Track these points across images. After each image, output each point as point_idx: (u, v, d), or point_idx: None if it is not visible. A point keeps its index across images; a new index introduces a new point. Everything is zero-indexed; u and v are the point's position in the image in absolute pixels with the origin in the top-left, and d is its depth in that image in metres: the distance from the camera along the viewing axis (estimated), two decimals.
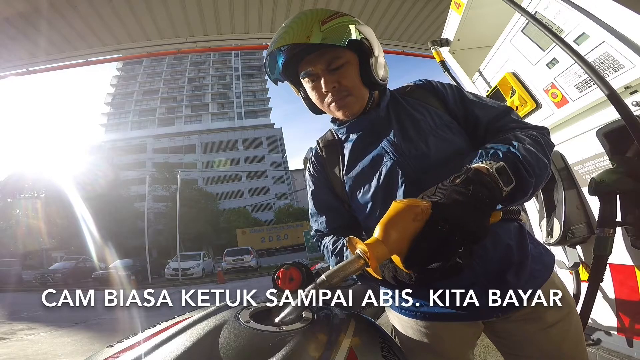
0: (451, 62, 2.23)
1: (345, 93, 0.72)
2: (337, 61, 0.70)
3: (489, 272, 0.71)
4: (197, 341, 0.55)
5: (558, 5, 1.35)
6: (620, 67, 1.16)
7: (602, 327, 1.49)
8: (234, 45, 4.56)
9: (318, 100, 0.76)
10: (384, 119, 0.78)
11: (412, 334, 0.79)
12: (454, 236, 0.48)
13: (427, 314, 0.75)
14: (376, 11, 3.96)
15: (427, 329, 0.77)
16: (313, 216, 0.89)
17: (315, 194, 0.86)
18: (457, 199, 0.50)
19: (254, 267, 15.84)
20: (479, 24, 1.99)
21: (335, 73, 0.71)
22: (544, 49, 1.48)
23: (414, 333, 0.78)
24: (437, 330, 0.76)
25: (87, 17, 3.30)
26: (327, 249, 0.82)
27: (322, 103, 0.76)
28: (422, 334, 0.77)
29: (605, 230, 0.94)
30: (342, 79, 0.71)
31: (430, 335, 0.77)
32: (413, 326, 0.78)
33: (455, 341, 0.78)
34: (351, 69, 0.72)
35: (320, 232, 0.87)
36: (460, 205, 0.49)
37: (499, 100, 1.85)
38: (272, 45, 0.71)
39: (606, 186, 0.91)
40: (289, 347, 0.54)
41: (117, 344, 0.60)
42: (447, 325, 0.75)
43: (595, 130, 1.27)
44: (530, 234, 0.79)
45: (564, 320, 0.75)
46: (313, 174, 0.86)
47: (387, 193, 0.72)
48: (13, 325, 5.09)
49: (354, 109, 0.75)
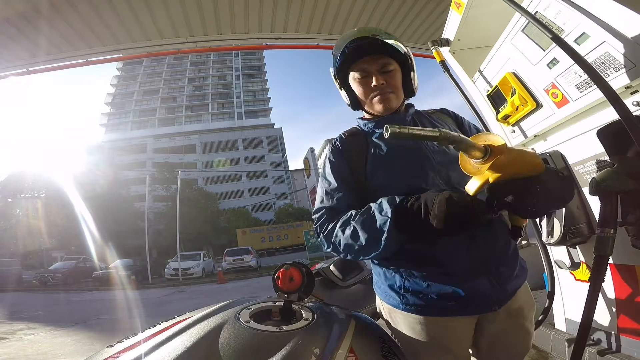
0: (451, 62, 2.22)
1: (390, 90, 0.89)
2: (388, 66, 0.88)
3: (489, 263, 0.78)
4: (197, 341, 0.55)
5: (558, 5, 1.35)
6: (620, 67, 1.16)
7: (602, 327, 1.49)
8: (234, 45, 4.55)
9: (363, 94, 0.91)
10: (409, 122, 0.93)
11: (419, 331, 0.80)
12: (571, 183, 0.63)
13: (432, 309, 0.78)
14: (376, 11, 3.96)
15: (432, 325, 0.80)
16: (330, 193, 0.88)
17: (338, 171, 0.89)
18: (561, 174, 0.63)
19: (254, 267, 15.81)
20: (479, 24, 1.99)
21: (385, 75, 0.88)
22: (544, 49, 1.48)
23: (420, 330, 0.80)
24: (441, 326, 0.79)
25: (87, 17, 3.30)
26: (350, 217, 0.78)
27: (366, 96, 0.91)
28: (427, 331, 0.80)
29: (606, 230, 0.94)
30: (390, 80, 0.88)
31: (435, 331, 0.80)
32: (420, 322, 0.80)
33: (458, 336, 0.82)
34: (397, 75, 0.90)
35: (334, 209, 0.85)
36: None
37: (500, 100, 1.85)
38: (342, 41, 0.90)
39: (606, 186, 0.91)
40: (289, 347, 0.54)
41: (117, 344, 0.60)
42: (451, 320, 0.79)
43: (595, 130, 1.27)
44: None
45: (533, 316, 0.89)
46: (337, 156, 0.92)
47: (414, 179, 0.82)
48: (13, 325, 5.09)
49: (393, 105, 0.90)
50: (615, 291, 1.43)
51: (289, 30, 4.11)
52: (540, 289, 2.26)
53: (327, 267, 1.34)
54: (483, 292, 0.76)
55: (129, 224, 22.15)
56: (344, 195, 0.86)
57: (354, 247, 0.76)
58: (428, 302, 0.78)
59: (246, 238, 25.52)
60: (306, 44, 4.41)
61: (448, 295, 0.76)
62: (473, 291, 0.75)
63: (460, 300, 0.75)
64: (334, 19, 4.04)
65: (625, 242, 1.12)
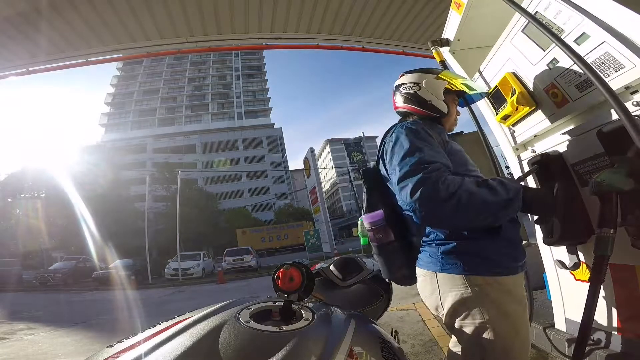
0: (451, 62, 2.22)
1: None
2: None
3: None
4: (197, 341, 0.55)
5: (558, 5, 1.35)
6: (620, 67, 1.16)
7: (603, 327, 1.49)
8: (234, 45, 4.55)
9: (452, 114, 1.20)
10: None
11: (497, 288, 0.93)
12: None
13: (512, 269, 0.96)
14: (376, 11, 3.96)
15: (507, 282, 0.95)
16: (433, 153, 0.93)
17: (432, 141, 0.98)
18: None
19: (254, 267, 15.79)
20: (479, 24, 1.99)
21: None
22: (544, 49, 1.48)
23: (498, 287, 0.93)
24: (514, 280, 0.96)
25: (87, 17, 3.30)
26: (482, 180, 0.91)
27: (453, 116, 1.21)
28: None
29: (605, 230, 0.94)
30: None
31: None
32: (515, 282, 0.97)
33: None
34: None
35: (450, 169, 0.92)
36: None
37: (499, 100, 1.85)
38: (477, 89, 1.26)
39: (606, 186, 0.90)
40: (289, 347, 0.54)
41: (117, 344, 0.60)
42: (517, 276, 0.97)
43: (595, 130, 1.27)
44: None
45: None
46: (427, 133, 1.01)
47: (470, 168, 1.08)
48: (13, 325, 5.09)
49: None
50: (615, 291, 1.43)
51: (289, 30, 4.11)
52: (540, 289, 2.26)
53: (327, 267, 1.34)
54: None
55: (129, 224, 22.13)
56: (446, 158, 0.96)
57: (493, 204, 0.84)
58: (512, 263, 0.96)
59: (246, 238, 25.54)
60: (306, 44, 4.42)
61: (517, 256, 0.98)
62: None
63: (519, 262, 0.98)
64: (334, 19, 4.04)
65: (625, 242, 1.12)
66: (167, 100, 50.32)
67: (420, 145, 0.93)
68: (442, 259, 0.95)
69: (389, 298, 1.34)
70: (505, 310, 0.89)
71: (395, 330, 1.18)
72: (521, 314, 0.92)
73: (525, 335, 0.92)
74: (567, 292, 1.78)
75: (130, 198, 27.07)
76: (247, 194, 40.85)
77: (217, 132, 46.43)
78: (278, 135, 47.01)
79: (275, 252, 26.26)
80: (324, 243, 16.72)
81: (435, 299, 0.98)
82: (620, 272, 1.38)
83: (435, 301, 0.98)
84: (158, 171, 28.93)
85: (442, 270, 0.95)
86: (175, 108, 50.31)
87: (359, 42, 4.53)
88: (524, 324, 0.93)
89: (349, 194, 43.36)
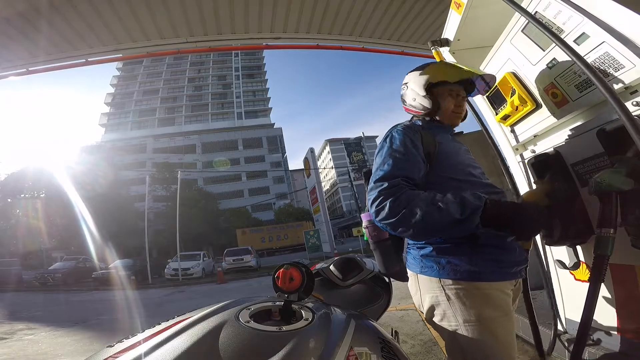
0: None
1: (463, 114, 1.17)
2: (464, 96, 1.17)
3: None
4: (197, 341, 0.55)
5: (558, 5, 1.35)
6: (620, 67, 1.16)
7: (602, 327, 1.49)
8: (234, 45, 4.55)
9: (449, 108, 1.12)
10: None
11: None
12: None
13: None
14: (376, 11, 3.96)
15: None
16: (403, 162, 0.94)
17: (415, 147, 0.98)
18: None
19: (254, 267, 15.78)
20: (479, 24, 1.99)
21: (463, 102, 1.15)
22: (544, 49, 1.48)
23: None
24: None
25: (87, 17, 3.30)
26: (435, 196, 0.86)
27: (448, 109, 1.12)
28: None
29: (605, 230, 0.94)
30: (464, 107, 1.17)
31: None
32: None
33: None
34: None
35: (415, 181, 0.93)
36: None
37: (499, 100, 1.85)
38: (461, 72, 1.11)
39: (606, 186, 0.90)
40: (289, 347, 0.54)
41: (117, 344, 0.60)
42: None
43: (595, 131, 1.27)
44: None
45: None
46: (414, 136, 1.01)
47: (470, 169, 1.04)
48: (13, 325, 5.09)
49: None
50: (615, 291, 1.43)
51: (289, 30, 4.11)
52: (540, 289, 2.26)
53: (327, 267, 1.34)
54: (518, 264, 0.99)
55: (129, 224, 22.14)
56: (420, 167, 0.95)
57: (439, 223, 0.82)
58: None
59: (246, 238, 25.55)
60: (306, 44, 4.42)
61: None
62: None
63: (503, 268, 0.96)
64: (334, 19, 4.04)
65: (625, 242, 1.12)
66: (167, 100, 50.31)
67: (391, 157, 0.95)
68: (422, 262, 0.98)
69: (389, 298, 1.34)
70: (480, 315, 0.88)
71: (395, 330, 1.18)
72: (500, 320, 0.89)
73: (507, 342, 0.89)
74: (567, 292, 1.78)
75: (130, 198, 27.06)
76: (247, 194, 40.85)
77: (217, 132, 46.43)
78: (278, 135, 47.01)
79: (275, 252, 26.27)
80: (324, 243, 16.73)
81: (418, 299, 1.02)
82: (620, 272, 1.38)
83: (418, 301, 1.02)
84: (158, 171, 28.94)
85: (421, 273, 0.98)
86: (175, 108, 50.30)
87: (359, 42, 4.53)
88: (504, 330, 0.89)
89: (349, 194, 43.39)
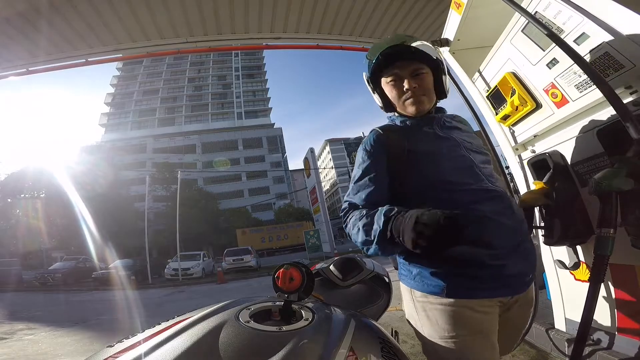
0: (451, 62, 2.22)
1: (422, 93, 0.93)
2: (420, 70, 0.92)
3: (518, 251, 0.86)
4: (197, 341, 0.55)
5: (558, 5, 1.35)
6: (620, 67, 1.16)
7: (602, 327, 1.49)
8: (234, 45, 4.55)
9: (396, 97, 0.95)
10: (442, 124, 0.98)
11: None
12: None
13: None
14: (376, 11, 3.96)
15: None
16: (356, 189, 0.93)
17: (372, 165, 0.92)
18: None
19: (254, 267, 15.78)
20: (479, 24, 1.99)
21: (417, 78, 0.92)
22: (544, 49, 1.48)
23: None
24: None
25: (87, 17, 3.30)
26: (361, 216, 0.86)
27: (399, 99, 0.95)
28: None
29: (605, 230, 0.94)
30: (421, 83, 0.92)
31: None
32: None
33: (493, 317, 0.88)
34: (429, 78, 0.94)
35: (355, 205, 0.92)
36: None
37: (499, 100, 1.85)
38: (376, 48, 0.93)
39: (606, 186, 0.90)
40: (289, 347, 0.54)
41: (117, 344, 0.60)
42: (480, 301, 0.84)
43: (595, 130, 1.27)
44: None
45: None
46: (374, 149, 0.94)
47: (457, 171, 0.88)
48: (13, 325, 5.09)
49: (425, 107, 0.94)
50: (615, 291, 1.43)
51: (288, 30, 4.11)
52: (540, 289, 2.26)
53: (327, 267, 1.34)
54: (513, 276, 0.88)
55: (129, 224, 22.13)
56: (372, 191, 0.90)
57: (358, 243, 0.86)
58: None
59: (246, 238, 25.54)
60: (306, 44, 4.41)
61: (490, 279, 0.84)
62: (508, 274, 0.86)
63: (496, 283, 0.85)
64: (334, 19, 4.04)
65: (625, 242, 1.12)
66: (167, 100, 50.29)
67: (353, 180, 0.97)
68: (401, 267, 0.98)
69: (389, 298, 1.34)
70: (444, 331, 0.82)
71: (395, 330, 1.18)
72: (467, 340, 0.81)
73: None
74: (567, 292, 1.78)
75: (130, 198, 27.06)
76: (247, 194, 40.84)
77: (217, 132, 46.42)
78: (278, 135, 47.00)
79: (275, 252, 26.27)
80: (324, 243, 16.72)
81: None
82: (620, 272, 1.38)
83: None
84: (158, 171, 28.93)
85: (400, 279, 0.98)
86: (175, 108, 50.28)
87: (359, 42, 4.53)
88: (469, 351, 0.81)
89: None
